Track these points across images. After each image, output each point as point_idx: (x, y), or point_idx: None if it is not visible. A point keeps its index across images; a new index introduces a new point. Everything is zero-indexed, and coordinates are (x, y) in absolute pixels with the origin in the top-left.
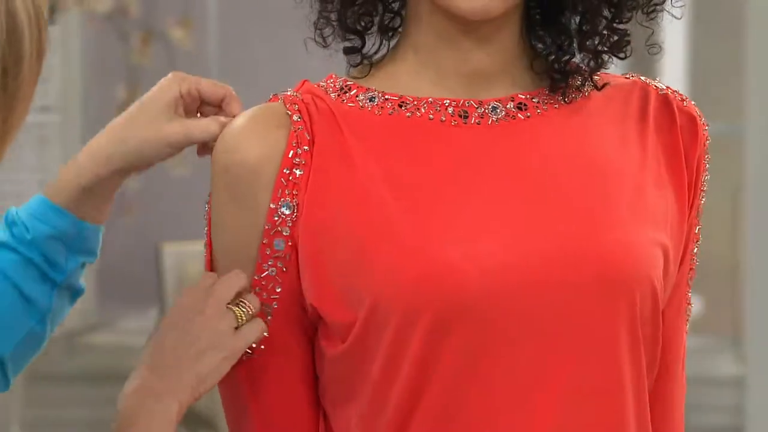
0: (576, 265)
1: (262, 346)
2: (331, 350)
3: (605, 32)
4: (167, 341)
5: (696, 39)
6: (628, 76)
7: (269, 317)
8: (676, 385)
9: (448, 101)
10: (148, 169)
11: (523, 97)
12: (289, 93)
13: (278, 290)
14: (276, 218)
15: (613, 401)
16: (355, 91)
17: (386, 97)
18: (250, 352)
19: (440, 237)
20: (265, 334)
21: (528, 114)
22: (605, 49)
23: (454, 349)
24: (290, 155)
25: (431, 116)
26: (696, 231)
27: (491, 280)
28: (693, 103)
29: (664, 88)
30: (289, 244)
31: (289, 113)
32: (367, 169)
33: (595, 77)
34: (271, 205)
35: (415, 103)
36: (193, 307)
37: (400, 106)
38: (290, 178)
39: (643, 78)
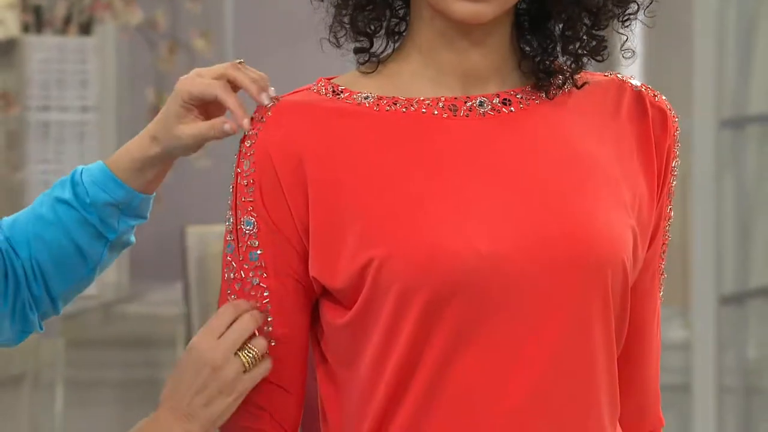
0: (556, 247)
1: (272, 342)
2: (337, 320)
3: (585, 38)
4: (181, 385)
5: (650, 43)
6: (606, 74)
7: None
8: (653, 342)
9: (438, 98)
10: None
11: (508, 93)
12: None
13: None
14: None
15: (585, 372)
16: (348, 93)
17: (379, 97)
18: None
19: (434, 220)
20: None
21: (512, 108)
22: (585, 52)
23: (446, 325)
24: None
25: (424, 110)
26: (668, 210)
27: (481, 261)
28: (664, 98)
29: (639, 84)
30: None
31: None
32: (366, 159)
33: (576, 77)
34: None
35: (408, 100)
36: (205, 357)
37: (395, 104)
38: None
39: (620, 75)
